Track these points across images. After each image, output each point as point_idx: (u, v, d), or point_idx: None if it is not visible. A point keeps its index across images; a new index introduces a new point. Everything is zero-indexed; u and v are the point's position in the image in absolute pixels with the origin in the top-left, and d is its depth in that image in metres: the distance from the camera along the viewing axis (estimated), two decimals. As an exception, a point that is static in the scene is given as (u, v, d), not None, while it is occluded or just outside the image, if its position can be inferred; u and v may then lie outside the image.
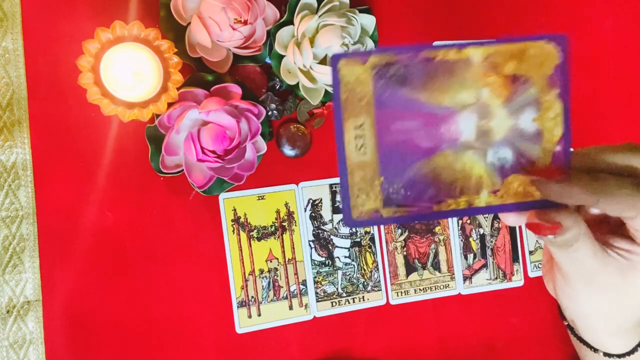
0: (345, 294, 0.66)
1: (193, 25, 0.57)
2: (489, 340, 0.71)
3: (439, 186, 0.40)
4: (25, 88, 0.58)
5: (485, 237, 0.70)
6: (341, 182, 0.39)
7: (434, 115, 0.39)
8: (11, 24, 0.58)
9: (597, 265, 0.39)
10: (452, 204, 0.40)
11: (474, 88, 0.40)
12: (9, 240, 0.58)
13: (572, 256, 0.39)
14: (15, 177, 0.58)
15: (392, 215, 0.40)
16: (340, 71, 0.38)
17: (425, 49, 0.39)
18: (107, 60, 0.53)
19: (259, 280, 0.64)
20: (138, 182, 0.61)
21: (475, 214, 0.54)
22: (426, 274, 0.68)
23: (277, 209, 0.65)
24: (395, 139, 0.39)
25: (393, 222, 0.49)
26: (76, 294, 0.60)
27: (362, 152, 0.39)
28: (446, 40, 0.69)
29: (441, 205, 0.40)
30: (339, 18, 0.58)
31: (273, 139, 0.64)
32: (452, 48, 0.39)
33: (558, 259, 0.41)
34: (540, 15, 0.72)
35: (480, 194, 0.40)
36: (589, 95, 0.74)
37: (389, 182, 0.40)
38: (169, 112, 0.55)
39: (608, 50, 0.75)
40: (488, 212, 0.42)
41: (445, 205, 0.40)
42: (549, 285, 0.48)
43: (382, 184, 0.40)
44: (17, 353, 0.58)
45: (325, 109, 0.65)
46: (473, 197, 0.41)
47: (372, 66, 0.38)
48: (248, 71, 0.62)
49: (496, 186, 0.40)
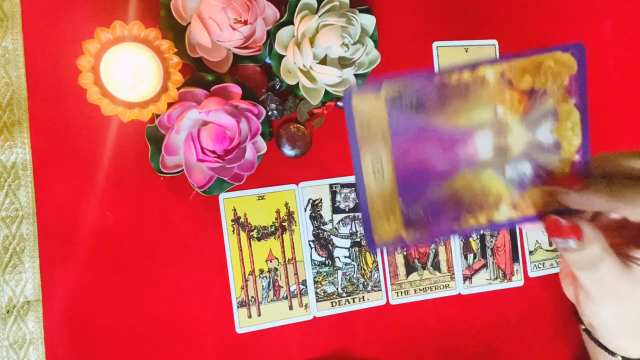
0: (345, 294, 0.66)
1: (193, 25, 0.57)
2: (489, 340, 0.71)
3: (458, 205, 0.41)
4: (25, 88, 0.58)
5: (485, 237, 0.70)
6: (362, 210, 0.39)
7: (450, 137, 0.40)
8: (11, 24, 0.58)
9: (622, 282, 0.39)
10: (472, 221, 0.41)
11: (489, 106, 0.40)
12: (9, 240, 0.58)
13: (597, 277, 0.39)
14: (15, 177, 0.58)
15: (414, 236, 0.40)
16: (353, 106, 0.38)
17: (438, 75, 0.39)
18: (107, 60, 0.53)
19: (259, 280, 0.64)
20: (138, 182, 0.61)
21: (497, 229, 0.54)
22: (426, 274, 0.69)
23: (277, 209, 0.65)
24: (412, 164, 0.40)
25: (415, 244, 0.49)
26: (76, 294, 0.60)
27: (381, 179, 0.40)
28: (448, 41, 0.69)
29: (461, 222, 0.41)
30: (339, 18, 0.58)
31: (273, 139, 0.64)
32: (465, 70, 0.39)
33: (582, 281, 0.40)
34: (541, 15, 0.72)
35: (499, 208, 0.41)
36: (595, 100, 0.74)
37: (408, 205, 0.40)
38: (169, 112, 0.55)
39: (609, 52, 0.75)
40: (509, 227, 0.42)
41: (466, 222, 0.41)
42: (567, 289, 0.47)
43: (402, 208, 0.40)
44: (17, 353, 0.58)
45: (326, 109, 0.65)
46: (493, 212, 0.41)
47: (385, 97, 0.39)
48: (248, 71, 0.62)
49: (515, 200, 0.41)
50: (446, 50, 0.69)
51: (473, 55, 0.70)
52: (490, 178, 0.40)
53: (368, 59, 0.62)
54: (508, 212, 0.41)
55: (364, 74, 0.63)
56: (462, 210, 0.41)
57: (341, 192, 0.66)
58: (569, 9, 0.73)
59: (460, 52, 0.69)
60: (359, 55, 0.61)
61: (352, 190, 0.67)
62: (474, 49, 0.70)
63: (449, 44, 0.69)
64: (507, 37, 0.70)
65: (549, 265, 0.72)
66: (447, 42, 0.69)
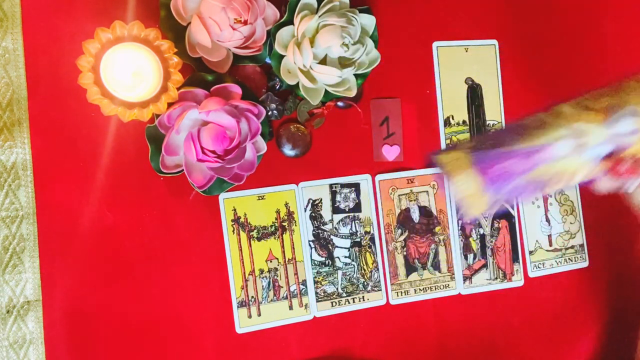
0: (345, 294, 0.66)
1: (193, 25, 0.57)
2: (489, 340, 0.71)
3: (536, 183, 0.48)
4: (25, 88, 0.58)
5: (485, 237, 0.70)
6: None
7: (529, 152, 0.46)
8: (11, 24, 0.58)
9: None
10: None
11: (567, 126, 0.45)
12: (9, 240, 0.58)
13: None
14: (15, 177, 0.58)
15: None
16: (440, 160, 0.48)
17: (517, 125, 0.48)
18: (107, 60, 0.53)
19: (259, 280, 0.64)
20: (138, 182, 0.61)
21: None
22: (426, 274, 0.68)
23: (277, 209, 0.65)
24: (495, 173, 0.47)
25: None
26: (76, 294, 0.60)
27: (469, 188, 0.48)
28: (450, 41, 0.69)
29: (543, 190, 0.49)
30: (339, 18, 0.58)
31: (273, 139, 0.64)
32: (540, 113, 0.46)
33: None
34: (541, 15, 0.72)
35: (574, 178, 0.47)
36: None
37: (493, 195, 0.48)
38: (169, 112, 0.55)
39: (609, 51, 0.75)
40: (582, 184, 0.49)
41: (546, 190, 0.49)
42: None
43: (489, 197, 0.48)
44: (17, 353, 0.58)
45: (326, 109, 0.65)
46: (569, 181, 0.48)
47: (467, 148, 0.48)
48: (248, 71, 0.62)
49: (592, 172, 0.47)
50: (446, 50, 0.69)
51: (472, 54, 0.70)
52: (568, 162, 0.46)
53: (368, 59, 0.62)
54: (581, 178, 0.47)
55: (364, 74, 0.63)
56: (540, 186, 0.48)
57: (341, 192, 0.66)
58: (569, 8, 0.73)
59: (461, 52, 0.69)
60: (359, 55, 0.61)
61: (352, 190, 0.67)
62: (473, 49, 0.70)
63: (449, 44, 0.69)
64: (508, 37, 0.70)
65: (549, 266, 0.72)
66: (447, 42, 0.69)
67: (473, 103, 0.70)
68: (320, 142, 0.66)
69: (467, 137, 0.51)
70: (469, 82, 0.70)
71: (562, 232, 0.73)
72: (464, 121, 0.69)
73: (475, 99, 0.70)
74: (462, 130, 0.69)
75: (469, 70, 0.70)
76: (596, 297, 0.74)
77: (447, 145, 0.66)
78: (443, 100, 0.69)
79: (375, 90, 0.67)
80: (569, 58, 0.73)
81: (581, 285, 0.73)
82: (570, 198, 0.73)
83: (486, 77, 0.70)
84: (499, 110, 0.70)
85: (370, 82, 0.65)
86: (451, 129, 0.69)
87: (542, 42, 0.72)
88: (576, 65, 0.73)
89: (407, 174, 0.68)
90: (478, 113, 0.70)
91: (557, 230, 0.73)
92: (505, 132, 0.50)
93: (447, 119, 0.69)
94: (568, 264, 0.73)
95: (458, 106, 0.69)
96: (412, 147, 0.68)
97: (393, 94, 0.68)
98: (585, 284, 0.73)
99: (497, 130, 0.50)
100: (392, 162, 0.67)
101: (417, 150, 0.68)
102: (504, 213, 0.71)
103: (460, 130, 0.69)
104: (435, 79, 0.69)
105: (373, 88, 0.67)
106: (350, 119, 0.66)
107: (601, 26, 0.74)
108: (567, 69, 0.73)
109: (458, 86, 0.69)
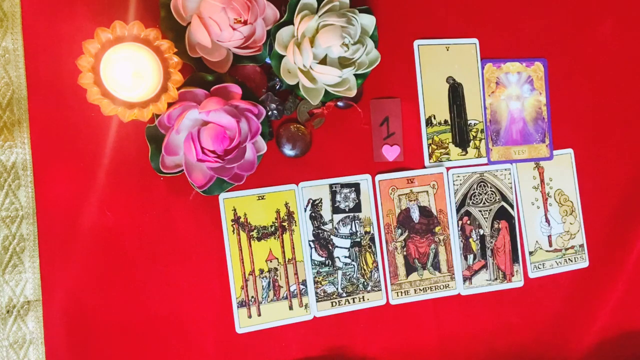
0: (345, 294, 0.66)
1: (193, 25, 0.57)
2: (489, 340, 0.71)
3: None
4: (25, 88, 0.58)
5: (485, 238, 0.70)
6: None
7: None
8: (11, 24, 0.58)
9: None
10: None
11: None
12: (9, 240, 0.58)
13: None
14: (15, 177, 0.58)
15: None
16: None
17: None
18: (107, 60, 0.53)
19: (259, 280, 0.64)
20: (138, 182, 0.61)
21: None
22: (426, 274, 0.68)
23: (277, 209, 0.65)
24: None
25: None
26: (76, 294, 0.60)
27: None
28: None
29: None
30: (339, 18, 0.58)
31: (273, 139, 0.64)
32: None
33: None
34: (541, 15, 0.72)
35: None
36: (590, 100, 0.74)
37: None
38: (169, 112, 0.55)
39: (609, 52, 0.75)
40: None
41: None
42: None
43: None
44: (17, 353, 0.58)
45: (326, 109, 0.65)
46: None
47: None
48: (248, 71, 0.62)
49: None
50: (427, 48, 0.68)
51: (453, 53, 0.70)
52: None
53: (368, 59, 0.62)
54: None
55: (364, 74, 0.63)
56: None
57: (341, 192, 0.66)
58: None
59: (442, 51, 0.69)
60: (359, 55, 0.61)
61: (352, 190, 0.67)
62: (454, 48, 0.69)
63: (430, 42, 0.68)
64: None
65: (549, 266, 0.72)
66: (428, 40, 0.68)
67: (454, 102, 0.70)
68: (320, 142, 0.66)
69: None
70: (450, 82, 0.70)
71: (562, 233, 0.73)
72: (445, 121, 0.69)
73: (457, 98, 0.70)
74: (443, 130, 0.69)
75: (451, 69, 0.69)
76: (596, 297, 0.74)
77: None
78: (425, 100, 0.69)
79: (376, 90, 0.67)
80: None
81: (581, 285, 0.73)
82: (570, 198, 0.73)
83: (467, 75, 0.70)
84: (480, 110, 0.70)
85: (370, 82, 0.65)
86: (433, 129, 0.69)
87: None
88: (578, 67, 0.73)
89: (407, 174, 0.68)
90: (459, 112, 0.70)
91: (557, 231, 0.73)
92: None
93: (428, 118, 0.69)
94: (568, 264, 0.73)
95: (440, 105, 0.69)
96: (412, 147, 0.68)
97: (393, 94, 0.68)
98: (585, 284, 0.73)
99: None
100: (392, 162, 0.68)
101: (418, 150, 0.68)
102: (504, 213, 0.71)
103: (441, 130, 0.69)
104: (417, 78, 0.68)
105: (373, 88, 0.67)
106: (350, 119, 0.66)
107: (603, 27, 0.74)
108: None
109: (439, 85, 0.69)
